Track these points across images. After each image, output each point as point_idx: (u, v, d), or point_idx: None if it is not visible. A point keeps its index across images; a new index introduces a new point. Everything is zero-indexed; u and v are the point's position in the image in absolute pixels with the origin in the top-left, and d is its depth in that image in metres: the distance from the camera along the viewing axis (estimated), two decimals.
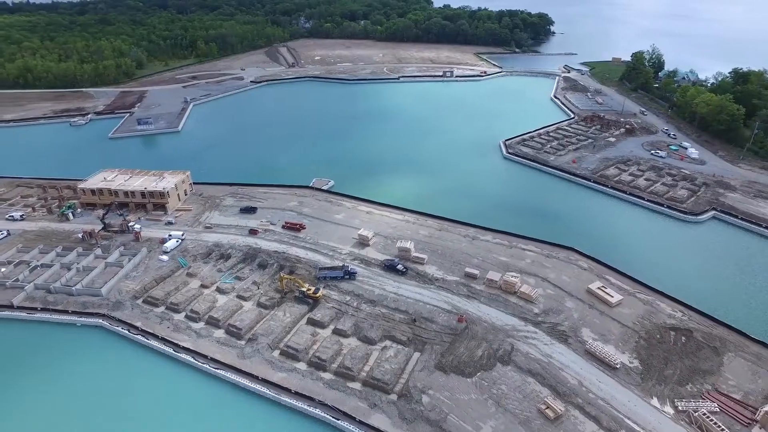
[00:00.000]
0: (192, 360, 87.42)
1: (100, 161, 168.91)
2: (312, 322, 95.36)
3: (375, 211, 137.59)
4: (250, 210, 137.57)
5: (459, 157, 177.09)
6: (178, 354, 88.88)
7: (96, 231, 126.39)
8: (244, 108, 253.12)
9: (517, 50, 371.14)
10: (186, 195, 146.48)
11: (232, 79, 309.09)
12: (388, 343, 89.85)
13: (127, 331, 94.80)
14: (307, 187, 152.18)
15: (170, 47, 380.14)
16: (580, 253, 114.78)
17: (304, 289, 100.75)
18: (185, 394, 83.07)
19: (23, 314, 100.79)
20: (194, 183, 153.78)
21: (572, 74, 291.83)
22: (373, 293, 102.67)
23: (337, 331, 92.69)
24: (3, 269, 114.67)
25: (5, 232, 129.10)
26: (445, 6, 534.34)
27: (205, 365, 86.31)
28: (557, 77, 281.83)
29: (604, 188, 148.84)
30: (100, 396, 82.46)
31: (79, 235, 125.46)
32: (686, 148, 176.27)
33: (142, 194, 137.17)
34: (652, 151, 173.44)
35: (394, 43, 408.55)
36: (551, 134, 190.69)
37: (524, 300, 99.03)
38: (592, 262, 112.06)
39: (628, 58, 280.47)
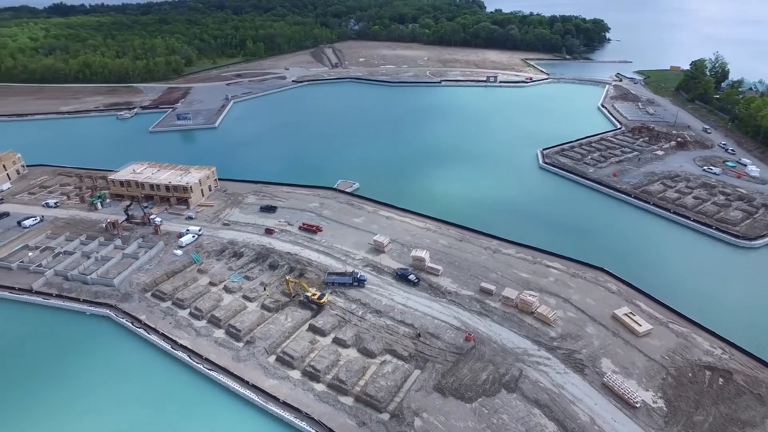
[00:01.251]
0: (187, 359, 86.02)
1: (137, 154, 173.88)
2: (313, 329, 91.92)
3: (396, 216, 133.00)
4: (269, 209, 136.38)
5: (492, 165, 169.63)
6: (175, 351, 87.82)
7: (119, 222, 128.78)
8: (283, 107, 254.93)
9: (567, 57, 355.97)
10: (210, 191, 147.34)
11: (274, 78, 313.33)
12: (388, 357, 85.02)
13: (130, 324, 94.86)
14: (330, 188, 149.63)
15: (220, 46, 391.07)
16: (610, 275, 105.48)
17: (309, 294, 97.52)
18: (176, 391, 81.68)
19: (39, 299, 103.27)
20: (220, 179, 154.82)
21: (624, 83, 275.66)
22: (381, 303, 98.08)
23: (337, 341, 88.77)
24: (30, 254, 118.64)
25: (39, 218, 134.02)
26: (496, 10, 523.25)
27: (199, 365, 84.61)
28: (607, 86, 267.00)
29: (646, 205, 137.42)
30: (96, 385, 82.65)
31: (103, 225, 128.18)
32: (745, 165, 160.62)
33: (167, 188, 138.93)
34: (705, 167, 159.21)
35: (441, 47, 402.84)
36: (593, 145, 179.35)
37: (541, 322, 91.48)
38: (623, 285, 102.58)
39: (687, 67, 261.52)
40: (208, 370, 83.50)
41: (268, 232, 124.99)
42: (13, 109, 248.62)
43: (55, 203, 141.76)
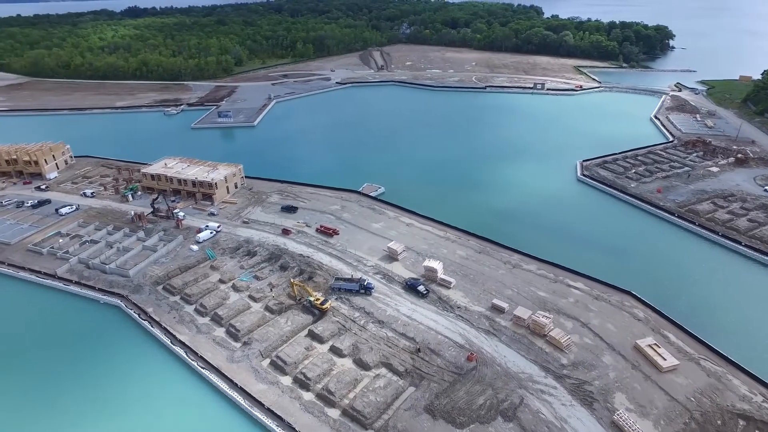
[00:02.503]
0: (183, 355, 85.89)
1: (177, 149, 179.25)
2: (312, 335, 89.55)
3: (416, 223, 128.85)
4: (290, 209, 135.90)
5: (526, 175, 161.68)
6: (173, 347, 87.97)
7: (145, 214, 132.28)
8: (323, 108, 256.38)
9: (624, 65, 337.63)
10: (236, 188, 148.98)
11: (319, 80, 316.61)
12: (383, 371, 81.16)
13: (137, 316, 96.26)
14: (354, 191, 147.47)
15: (271, 47, 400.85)
16: (638, 299, 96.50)
17: (312, 299, 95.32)
18: (168, 385, 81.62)
19: (60, 284, 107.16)
20: (248, 177, 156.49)
21: (683, 93, 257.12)
22: (385, 313, 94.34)
23: (333, 349, 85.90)
24: (61, 240, 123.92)
25: (75, 207, 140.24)
26: (552, 16, 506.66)
27: (193, 362, 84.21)
28: (663, 96, 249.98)
29: (691, 225, 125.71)
30: (93, 370, 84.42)
31: (130, 217, 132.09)
32: None
33: (193, 183, 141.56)
34: (767, 187, 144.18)
35: (491, 52, 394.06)
36: (639, 158, 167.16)
37: (553, 346, 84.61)
38: (651, 312, 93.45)
39: (759, 77, 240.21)
40: (201, 368, 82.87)
41: (285, 232, 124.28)
42: (75, 104, 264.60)
43: (92, 193, 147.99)
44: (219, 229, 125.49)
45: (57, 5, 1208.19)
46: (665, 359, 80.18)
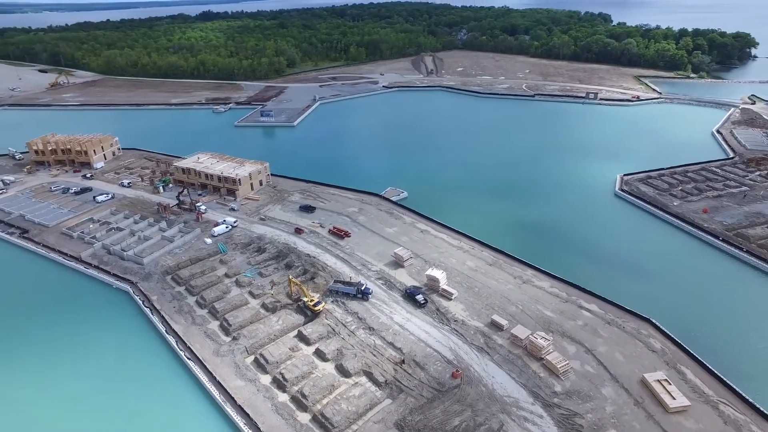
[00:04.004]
0: (174, 344, 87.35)
1: (216, 145, 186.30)
2: (300, 336, 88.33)
3: (432, 230, 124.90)
4: (308, 209, 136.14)
5: (560, 187, 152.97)
6: (167, 335, 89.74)
7: (170, 206, 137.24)
8: (365, 111, 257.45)
9: (692, 75, 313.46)
10: (261, 185, 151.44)
11: (366, 83, 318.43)
12: (363, 379, 78.37)
13: (141, 302, 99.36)
14: (375, 194, 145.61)
15: (325, 50, 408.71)
16: (657, 328, 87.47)
17: (306, 299, 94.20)
18: (152, 370, 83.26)
19: (81, 267, 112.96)
20: (275, 175, 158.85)
21: (757, 106, 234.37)
22: (377, 320, 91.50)
23: (318, 352, 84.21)
24: (91, 226, 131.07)
25: (111, 195, 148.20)
26: (618, 24, 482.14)
27: (182, 352, 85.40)
28: (732, 109, 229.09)
29: (737, 251, 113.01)
30: (91, 349, 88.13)
31: (156, 207, 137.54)
32: None
33: (219, 179, 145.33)
34: None
35: (548, 60, 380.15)
36: (689, 174, 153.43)
37: (549, 371, 78.23)
38: (670, 344, 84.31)
39: None
40: (187, 358, 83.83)
41: (298, 231, 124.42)
42: (135, 100, 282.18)
43: (128, 183, 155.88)
44: (235, 224, 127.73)
45: (145, 11, 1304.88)
46: (674, 398, 71.72)
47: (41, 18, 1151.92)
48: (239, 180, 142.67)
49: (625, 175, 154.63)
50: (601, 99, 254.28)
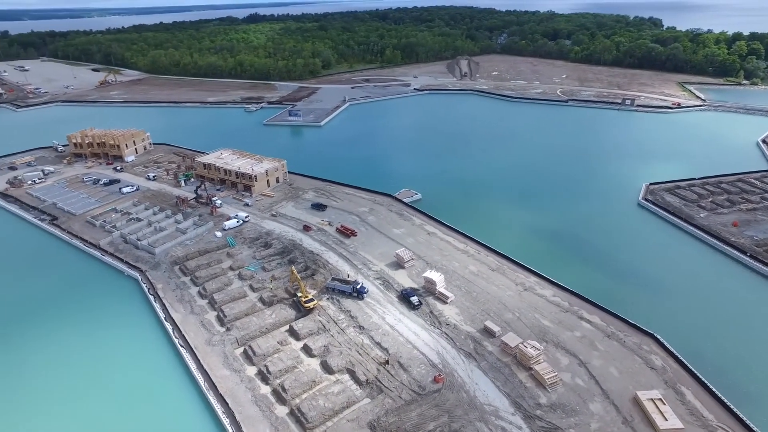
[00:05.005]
0: (170, 331, 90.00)
1: (242, 142, 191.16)
2: (291, 331, 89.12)
3: (439, 233, 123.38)
4: (320, 207, 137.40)
5: (581, 195, 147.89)
6: (165, 322, 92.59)
7: (188, 199, 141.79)
8: (394, 113, 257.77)
9: (744, 82, 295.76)
10: (277, 182, 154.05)
11: (398, 85, 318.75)
12: (345, 377, 78.16)
13: (147, 290, 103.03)
14: (388, 195, 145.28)
15: (361, 52, 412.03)
16: (660, 344, 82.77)
17: (300, 295, 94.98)
18: (146, 354, 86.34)
19: (98, 253, 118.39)
20: (294, 173, 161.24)
21: None
22: (369, 319, 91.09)
23: (305, 348, 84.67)
24: (113, 215, 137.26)
25: (136, 187, 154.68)
26: (667, 28, 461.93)
27: (176, 339, 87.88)
28: None
29: (765, 269, 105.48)
30: (92, 329, 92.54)
31: (174, 200, 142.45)
32: None
33: (236, 174, 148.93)
34: None
35: (587, 65, 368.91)
36: (722, 186, 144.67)
37: (536, 381, 75.44)
38: (673, 362, 79.55)
39: None
40: (180, 346, 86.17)
41: (306, 228, 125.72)
42: (174, 98, 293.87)
43: (153, 176, 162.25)
44: (247, 219, 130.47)
45: (198, 14, 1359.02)
46: (666, 419, 67.58)
47: (104, 21, 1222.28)
48: (255, 176, 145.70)
49: (651, 184, 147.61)
50: (637, 106, 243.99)
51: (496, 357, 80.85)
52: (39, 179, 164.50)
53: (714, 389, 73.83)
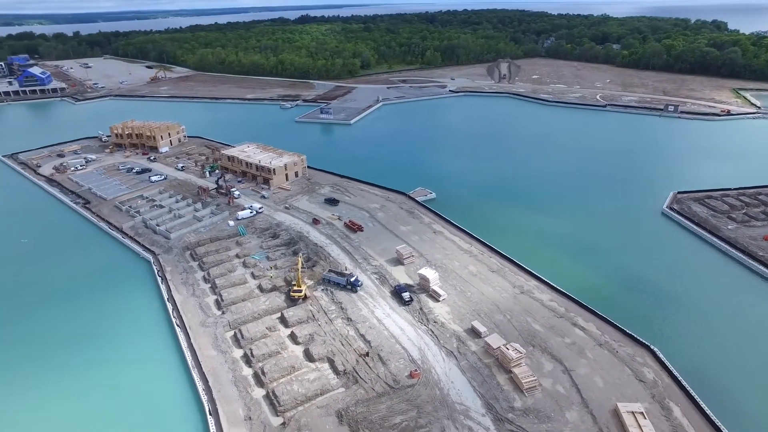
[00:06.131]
0: (170, 311, 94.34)
1: (274, 137, 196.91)
2: (282, 318, 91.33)
3: (446, 232, 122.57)
4: (332, 202, 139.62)
5: (603, 201, 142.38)
6: (167, 302, 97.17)
7: (208, 189, 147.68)
8: (425, 113, 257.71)
9: None
10: (296, 176, 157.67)
11: (434, 86, 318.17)
12: (324, 366, 79.35)
13: (156, 271, 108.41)
14: (402, 193, 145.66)
15: (402, 53, 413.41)
16: (656, 358, 78.73)
17: (294, 284, 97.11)
18: (145, 330, 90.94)
19: (119, 236, 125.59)
20: (314, 169, 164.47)
21: None
22: (358, 312, 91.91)
23: (292, 335, 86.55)
24: (139, 201, 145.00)
25: (164, 176, 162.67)
26: (731, 31, 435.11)
27: (174, 319, 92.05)
28: None
29: None
30: (100, 303, 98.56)
31: (196, 190, 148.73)
32: None
33: (256, 167, 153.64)
34: None
35: (634, 70, 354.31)
36: (761, 197, 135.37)
37: (514, 384, 73.75)
38: (666, 376, 75.52)
39: None
40: (177, 325, 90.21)
41: (315, 222, 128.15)
42: (216, 94, 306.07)
43: (182, 167, 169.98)
44: (260, 210, 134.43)
45: (254, 15, 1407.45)
46: None
47: (165, 22, 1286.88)
48: (274, 170, 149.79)
49: (679, 192, 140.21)
50: (681, 112, 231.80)
51: (478, 357, 79.62)
52: (81, 166, 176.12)
53: (706, 408, 69.53)
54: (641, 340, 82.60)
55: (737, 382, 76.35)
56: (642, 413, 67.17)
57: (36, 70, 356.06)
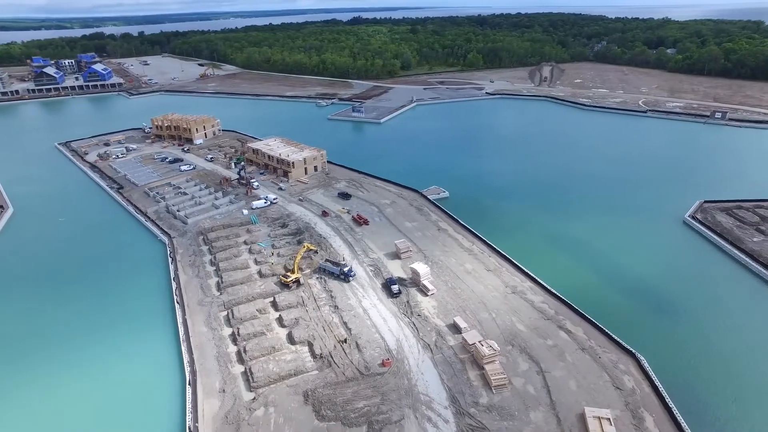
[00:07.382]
0: (173, 291, 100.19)
1: (304, 133, 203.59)
2: (273, 302, 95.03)
3: (450, 230, 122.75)
4: (345, 196, 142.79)
5: (624, 208, 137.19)
6: (172, 281, 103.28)
7: (230, 179, 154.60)
8: (458, 115, 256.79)
9: None
10: (315, 171, 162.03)
11: (471, 88, 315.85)
12: (303, 349, 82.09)
13: (169, 253, 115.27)
14: (415, 190, 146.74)
15: (444, 55, 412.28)
16: (640, 367, 76.00)
17: (288, 271, 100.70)
18: (148, 305, 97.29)
19: (142, 219, 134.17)
20: (334, 164, 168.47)
21: None
22: (346, 301, 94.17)
23: (279, 318, 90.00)
24: (166, 188, 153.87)
25: (193, 166, 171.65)
26: None
27: (176, 297, 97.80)
28: None
29: None
30: (118, 281, 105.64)
31: (219, 180, 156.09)
32: None
33: (277, 160, 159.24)
34: None
35: (687, 75, 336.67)
36: None
37: (484, 381, 73.56)
38: (646, 385, 72.78)
39: None
40: (177, 302, 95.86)
41: (324, 214, 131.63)
42: (258, 91, 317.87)
43: (211, 158, 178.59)
44: (275, 201, 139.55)
45: (305, 17, 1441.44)
46: None
47: (224, 23, 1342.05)
48: (293, 163, 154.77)
49: (705, 201, 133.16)
50: (730, 119, 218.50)
51: (454, 352, 79.82)
52: (122, 155, 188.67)
53: (682, 421, 66.60)
54: (627, 347, 79.91)
55: (722, 399, 72.47)
56: (608, 419, 65.34)
57: (99, 67, 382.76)
